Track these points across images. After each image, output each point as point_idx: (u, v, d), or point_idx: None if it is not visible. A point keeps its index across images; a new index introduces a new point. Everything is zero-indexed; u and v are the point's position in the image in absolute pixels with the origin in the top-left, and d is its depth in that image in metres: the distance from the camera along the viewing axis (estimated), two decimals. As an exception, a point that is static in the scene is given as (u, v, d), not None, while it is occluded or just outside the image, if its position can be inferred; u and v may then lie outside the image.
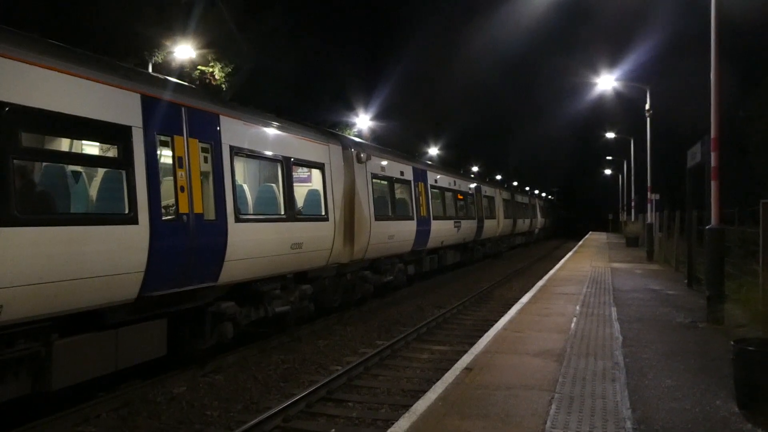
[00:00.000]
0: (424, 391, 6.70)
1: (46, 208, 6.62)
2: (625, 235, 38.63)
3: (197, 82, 25.39)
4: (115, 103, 7.18)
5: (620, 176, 60.00)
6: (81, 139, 7.70)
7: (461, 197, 24.25)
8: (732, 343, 5.90)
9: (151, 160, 7.54)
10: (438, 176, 21.26)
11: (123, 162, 7.25)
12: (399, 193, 17.13)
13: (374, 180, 14.88)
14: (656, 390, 6.46)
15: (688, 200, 15.71)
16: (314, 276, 11.99)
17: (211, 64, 26.48)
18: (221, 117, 9.09)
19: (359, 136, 36.48)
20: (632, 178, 42.76)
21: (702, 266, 12.78)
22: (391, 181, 16.27)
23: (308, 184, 12.32)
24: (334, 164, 12.63)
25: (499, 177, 75.71)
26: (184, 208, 8.02)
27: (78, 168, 7.51)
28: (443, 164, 42.29)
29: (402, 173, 17.22)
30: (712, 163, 10.39)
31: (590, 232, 62.44)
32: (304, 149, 11.58)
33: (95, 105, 6.89)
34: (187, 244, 8.04)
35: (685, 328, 9.99)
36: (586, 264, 22.60)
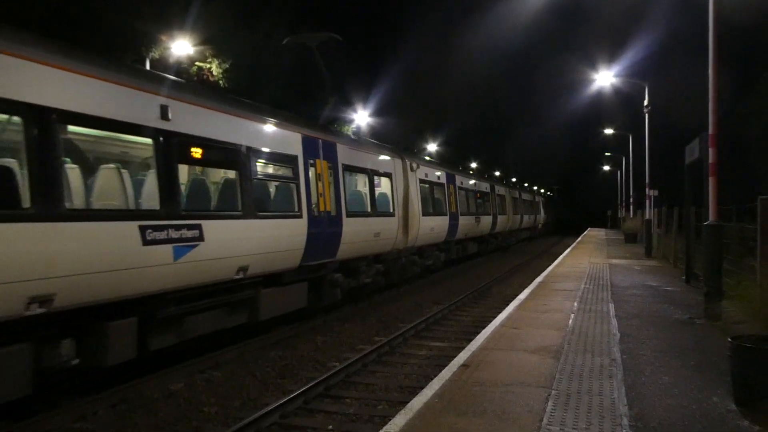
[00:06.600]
0: (422, 388, 6.70)
1: (266, 207, 10.48)
2: (624, 232, 38.62)
3: (195, 78, 25.30)
4: (293, 141, 11.40)
5: (619, 172, 59.94)
6: (281, 164, 11.30)
7: (480, 196, 28.35)
8: (729, 339, 5.89)
9: (307, 176, 11.59)
10: (463, 178, 25.58)
11: (294, 178, 11.27)
12: (436, 193, 20.92)
13: (421, 184, 18.80)
14: (653, 387, 6.46)
15: (686, 196, 15.70)
16: (383, 258, 15.77)
17: (209, 60, 26.38)
18: (337, 144, 13.23)
19: (357, 132, 36.45)
20: (631, 174, 42.69)
21: (700, 263, 12.79)
22: (431, 184, 20.21)
23: (380, 188, 16.07)
24: (397, 173, 16.90)
25: (497, 173, 75.54)
26: (321, 208, 12.00)
27: (278, 183, 11.32)
28: (441, 160, 42.44)
29: (438, 177, 21.36)
30: (710, 159, 10.38)
31: (589, 229, 62.36)
32: (381, 163, 15.93)
33: (288, 144, 11.22)
34: (323, 231, 11.94)
35: (683, 324, 9.99)
36: (585, 260, 22.59)
